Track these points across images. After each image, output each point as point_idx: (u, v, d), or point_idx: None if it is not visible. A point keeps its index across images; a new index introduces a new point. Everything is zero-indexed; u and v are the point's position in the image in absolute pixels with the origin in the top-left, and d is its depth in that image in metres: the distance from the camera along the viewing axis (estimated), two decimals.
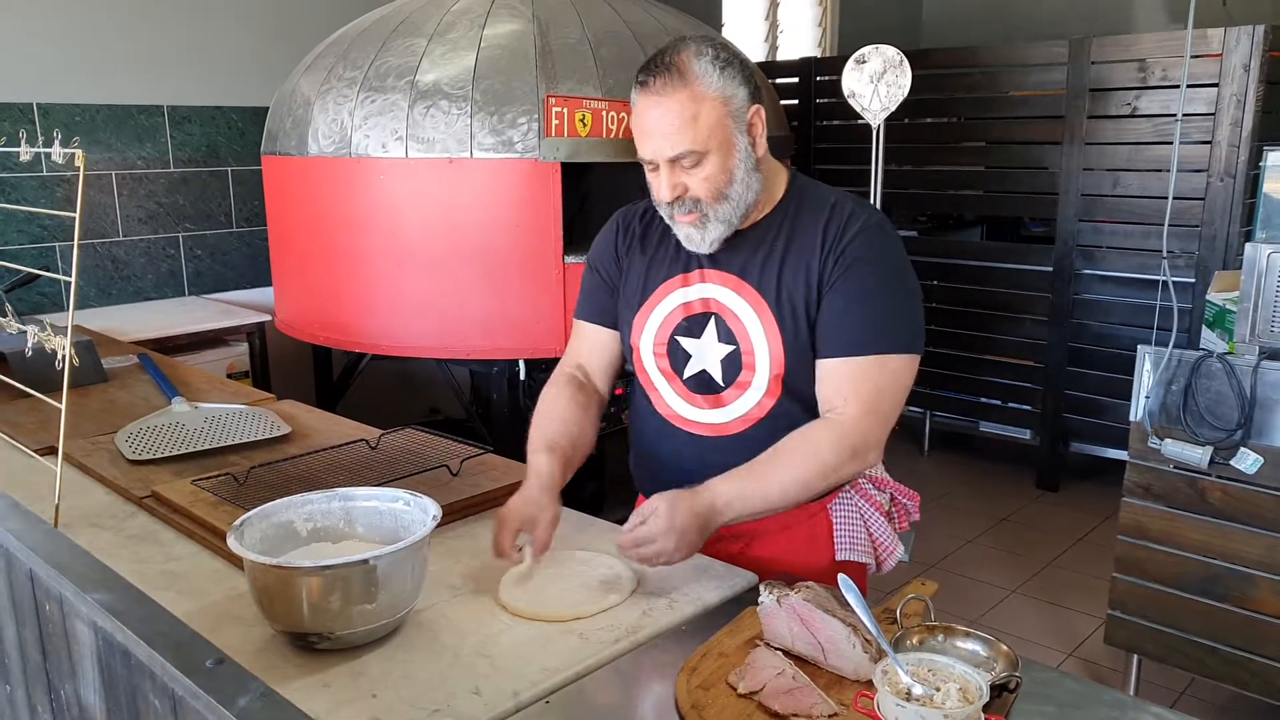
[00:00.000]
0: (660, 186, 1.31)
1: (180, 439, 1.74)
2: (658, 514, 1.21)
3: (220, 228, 3.83)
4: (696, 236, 1.35)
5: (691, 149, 1.26)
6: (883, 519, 1.46)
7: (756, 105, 1.30)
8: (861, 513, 1.45)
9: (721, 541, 1.43)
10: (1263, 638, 2.17)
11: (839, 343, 1.31)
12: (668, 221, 1.38)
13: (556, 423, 1.44)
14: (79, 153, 0.94)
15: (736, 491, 1.26)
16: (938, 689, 0.93)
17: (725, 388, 1.39)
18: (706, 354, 1.40)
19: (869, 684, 1.00)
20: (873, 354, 1.30)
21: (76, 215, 0.99)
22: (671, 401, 1.45)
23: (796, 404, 1.36)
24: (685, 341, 1.41)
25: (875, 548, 1.46)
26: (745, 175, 1.30)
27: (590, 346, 1.55)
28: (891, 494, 1.51)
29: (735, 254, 1.38)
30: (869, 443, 1.30)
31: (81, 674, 0.84)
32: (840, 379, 1.31)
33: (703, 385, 1.41)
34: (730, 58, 1.28)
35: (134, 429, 1.79)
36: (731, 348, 1.37)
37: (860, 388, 1.30)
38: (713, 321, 1.39)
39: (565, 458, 1.39)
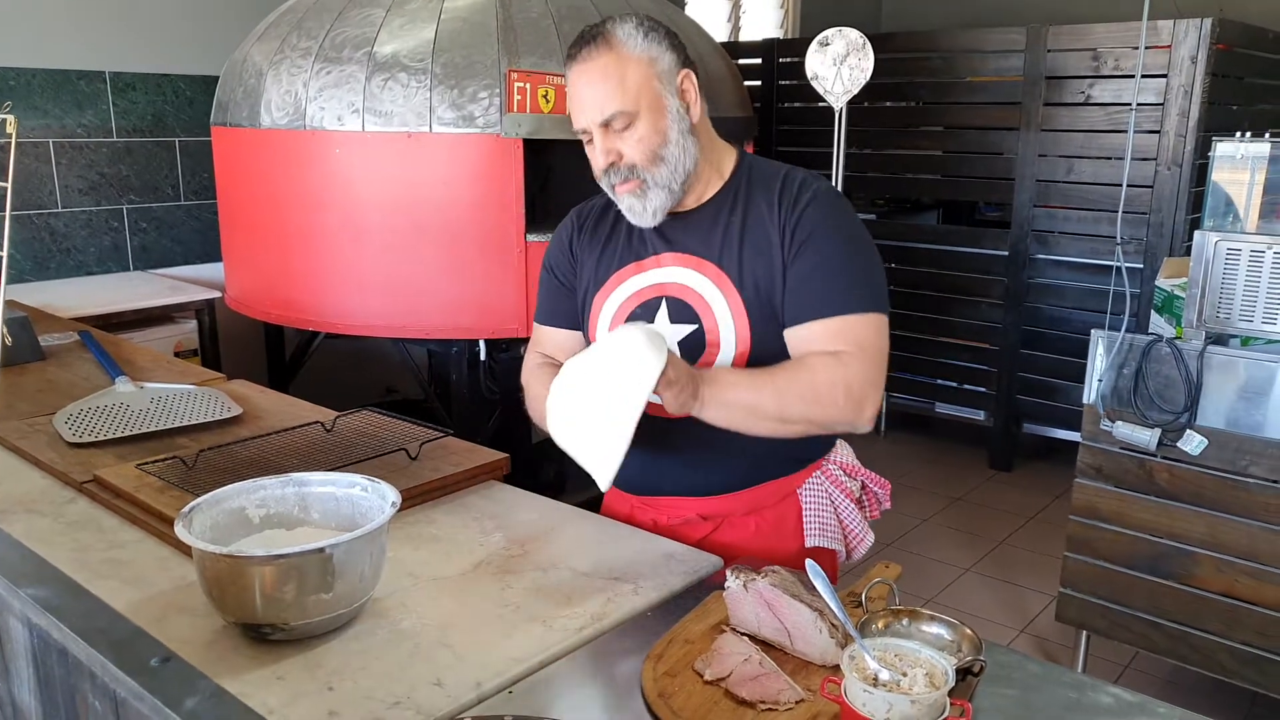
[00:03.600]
0: (595, 154, 1.32)
1: (124, 420, 1.68)
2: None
3: (167, 200, 3.70)
4: (639, 206, 1.33)
5: (621, 109, 1.27)
6: (853, 506, 1.44)
7: (686, 70, 1.31)
8: (832, 498, 1.43)
9: (688, 525, 1.43)
10: (1204, 614, 2.23)
11: (811, 306, 1.28)
12: (611, 197, 1.36)
13: None
14: (10, 118, 0.88)
15: (730, 380, 1.26)
16: (904, 674, 0.93)
17: None
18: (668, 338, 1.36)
19: (836, 669, 1.00)
20: (848, 313, 1.28)
21: (8, 184, 0.93)
22: None
23: None
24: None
25: (845, 535, 1.44)
26: (679, 137, 1.30)
27: (556, 349, 1.52)
28: (863, 481, 1.49)
29: (691, 234, 1.36)
30: (864, 390, 1.25)
31: (15, 673, 0.79)
32: (820, 337, 1.28)
33: None
34: (655, 24, 1.30)
35: (74, 410, 1.72)
36: (692, 327, 1.35)
37: (845, 338, 1.27)
38: (664, 304, 1.36)
39: None
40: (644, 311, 1.38)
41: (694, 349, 1.35)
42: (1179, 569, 2.25)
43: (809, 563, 1.04)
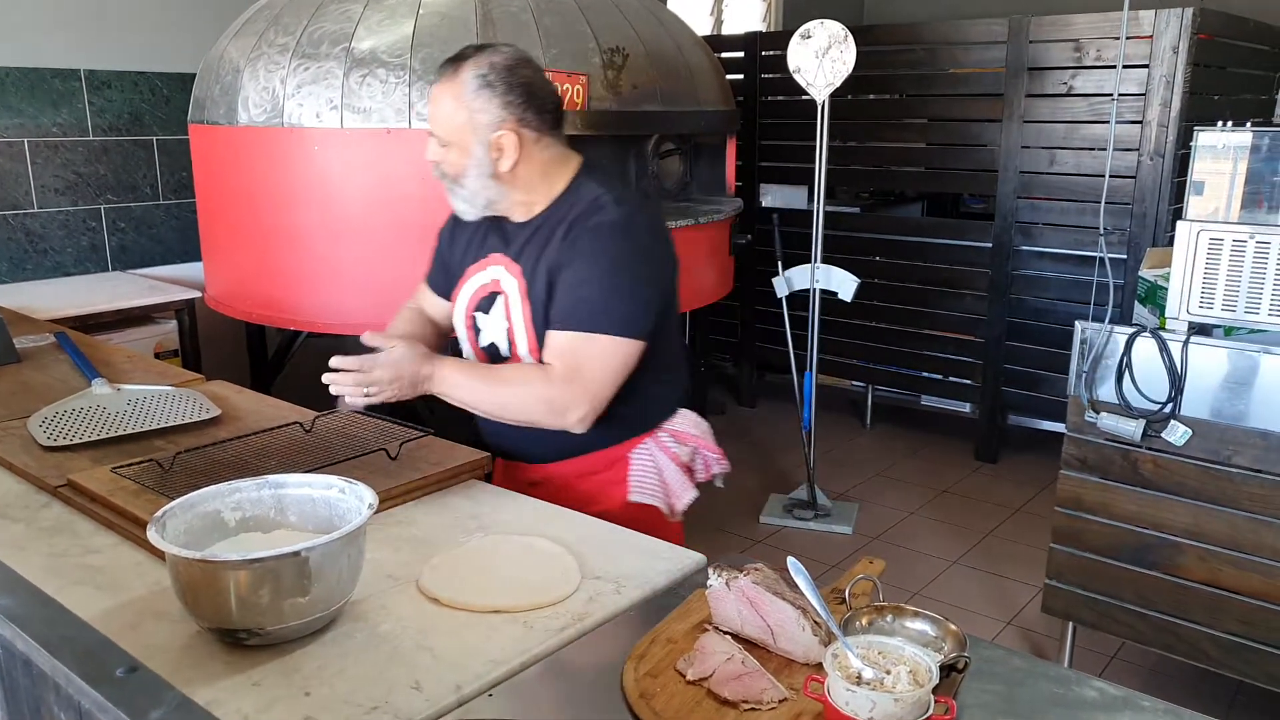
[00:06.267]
0: (428, 148, 1.55)
1: (101, 423, 1.66)
2: (390, 355, 1.49)
3: (145, 199, 3.66)
4: (452, 200, 1.59)
5: (439, 134, 1.51)
6: (677, 468, 1.64)
7: (508, 131, 1.48)
8: (657, 462, 1.64)
9: (532, 488, 1.60)
10: (1189, 604, 2.24)
11: (555, 317, 1.51)
12: None
13: (410, 325, 1.76)
14: None
15: (455, 381, 1.51)
16: (888, 672, 0.92)
17: (507, 359, 1.61)
18: (492, 329, 1.62)
19: (819, 668, 0.99)
20: (579, 330, 1.48)
21: None
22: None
23: None
24: (479, 317, 1.64)
25: (667, 493, 1.64)
26: (477, 179, 1.51)
27: (433, 310, 1.78)
28: (694, 448, 1.68)
29: (516, 242, 1.59)
30: (566, 404, 1.47)
31: None
32: (552, 347, 1.50)
33: (493, 356, 1.63)
34: (496, 81, 1.47)
35: (49, 413, 1.69)
36: (508, 324, 1.59)
37: (565, 357, 1.48)
38: (498, 300, 1.60)
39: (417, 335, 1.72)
40: (485, 304, 1.62)
41: (508, 343, 1.60)
42: (1164, 559, 2.26)
43: (790, 560, 1.04)
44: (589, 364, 1.47)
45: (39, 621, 0.69)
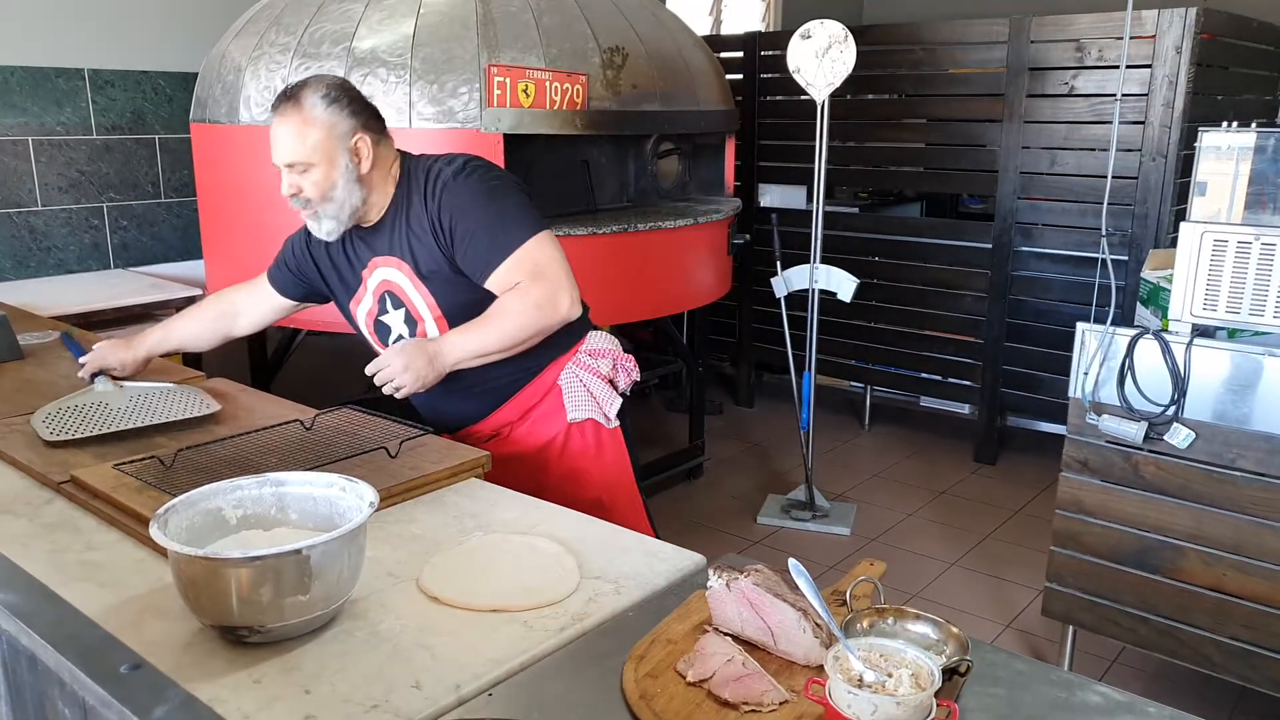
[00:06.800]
0: (282, 184, 1.67)
1: (103, 419, 1.66)
2: (393, 348, 1.63)
3: (148, 198, 3.66)
4: (315, 226, 1.72)
5: (300, 159, 1.62)
6: (601, 381, 1.81)
7: (361, 135, 1.64)
8: (582, 379, 1.81)
9: (486, 443, 1.76)
10: (1191, 607, 2.23)
11: (483, 264, 1.66)
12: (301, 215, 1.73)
13: (191, 323, 1.95)
14: None
15: (461, 342, 1.65)
16: (890, 674, 0.92)
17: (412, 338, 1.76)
18: (396, 322, 1.78)
19: (820, 670, 0.99)
20: (507, 256, 1.64)
21: None
22: None
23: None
24: (384, 318, 1.80)
25: (598, 404, 1.81)
26: (345, 185, 1.65)
27: (260, 300, 1.95)
28: (612, 360, 1.84)
29: (381, 239, 1.74)
30: (552, 296, 1.65)
31: None
32: (504, 278, 1.65)
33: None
34: (339, 96, 1.63)
35: (52, 409, 1.70)
36: (403, 310, 1.76)
37: (519, 271, 1.64)
38: (387, 299, 1.77)
39: (168, 345, 1.92)
40: (382, 305, 1.78)
41: (410, 325, 1.77)
42: (1165, 563, 2.25)
43: (791, 562, 1.03)
44: (539, 266, 1.64)
45: (44, 618, 0.69)
